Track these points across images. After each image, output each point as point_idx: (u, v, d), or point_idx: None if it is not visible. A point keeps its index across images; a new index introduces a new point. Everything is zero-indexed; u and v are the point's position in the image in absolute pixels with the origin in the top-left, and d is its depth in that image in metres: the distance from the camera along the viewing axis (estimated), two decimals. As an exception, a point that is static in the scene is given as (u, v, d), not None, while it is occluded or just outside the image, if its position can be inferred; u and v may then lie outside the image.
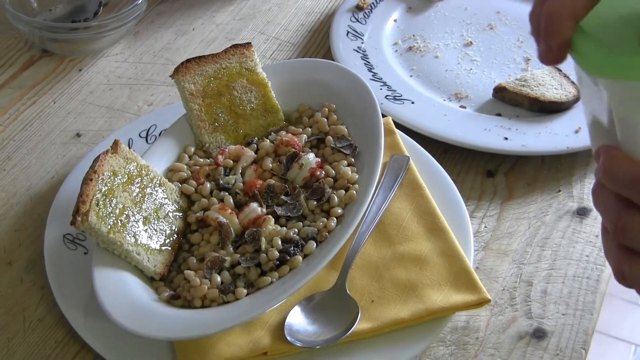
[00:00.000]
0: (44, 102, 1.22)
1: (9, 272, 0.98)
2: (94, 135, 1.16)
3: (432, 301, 0.89)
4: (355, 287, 0.92)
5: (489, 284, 0.96)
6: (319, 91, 1.06)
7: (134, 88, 1.24)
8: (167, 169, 1.00)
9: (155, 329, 0.83)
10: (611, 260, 0.63)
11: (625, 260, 0.61)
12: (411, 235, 0.97)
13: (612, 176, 0.60)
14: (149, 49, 1.32)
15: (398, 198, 1.00)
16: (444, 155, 1.12)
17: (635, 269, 0.61)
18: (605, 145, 0.62)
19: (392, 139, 1.07)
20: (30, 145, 1.15)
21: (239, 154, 1.00)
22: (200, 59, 1.05)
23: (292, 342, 0.86)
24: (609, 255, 0.64)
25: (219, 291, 0.87)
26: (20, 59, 1.29)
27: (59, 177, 1.09)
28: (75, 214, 0.86)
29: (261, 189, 0.95)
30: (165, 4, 1.42)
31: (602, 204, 0.63)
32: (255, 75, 1.05)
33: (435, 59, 1.28)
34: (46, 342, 0.91)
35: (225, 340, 0.87)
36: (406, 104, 1.18)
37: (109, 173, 0.90)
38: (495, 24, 1.35)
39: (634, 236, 0.60)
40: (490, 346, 0.91)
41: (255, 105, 1.05)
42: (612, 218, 0.61)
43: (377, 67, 1.25)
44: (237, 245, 0.91)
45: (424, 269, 0.93)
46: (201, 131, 1.02)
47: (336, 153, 1.00)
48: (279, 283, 0.88)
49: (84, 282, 0.91)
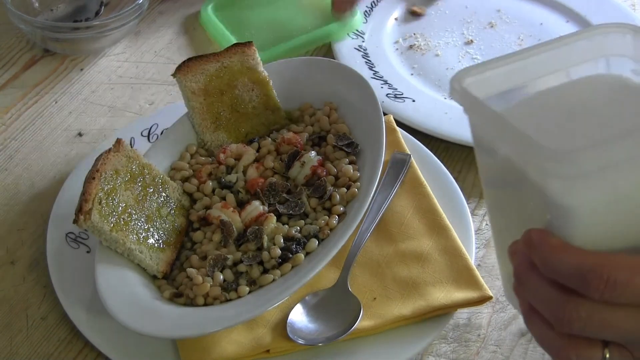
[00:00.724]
0: (46, 101, 1.22)
1: (11, 271, 0.98)
2: (96, 135, 1.16)
3: (434, 298, 0.90)
4: (357, 285, 0.92)
5: (490, 281, 0.96)
6: (320, 89, 1.07)
7: (136, 87, 1.25)
8: (169, 167, 1.01)
9: (157, 327, 0.83)
10: (551, 348, 0.62)
11: (571, 347, 0.60)
12: (413, 232, 0.97)
13: (554, 269, 0.59)
14: (150, 48, 1.32)
15: (399, 196, 1.01)
16: (445, 153, 1.12)
17: (582, 355, 0.59)
18: (535, 230, 0.61)
19: (394, 137, 1.07)
20: (32, 144, 1.15)
21: (240, 153, 1.00)
22: (201, 57, 1.05)
23: (294, 339, 0.86)
24: (546, 343, 0.62)
25: (221, 289, 0.88)
26: (21, 59, 1.29)
27: (61, 176, 1.10)
28: (78, 213, 0.86)
29: (263, 187, 0.96)
30: (166, 3, 1.42)
31: (534, 293, 0.61)
32: (257, 73, 1.05)
33: (436, 57, 1.28)
34: (49, 341, 0.91)
35: (227, 338, 0.87)
36: (407, 102, 1.18)
37: (112, 172, 0.91)
38: (495, 22, 1.35)
39: (580, 326, 0.58)
40: (492, 343, 0.91)
41: (257, 104, 1.05)
42: (552, 309, 0.59)
43: (378, 65, 1.25)
44: (240, 243, 0.92)
45: (426, 267, 0.93)
46: (203, 130, 1.02)
47: (338, 151, 1.00)
48: (281, 281, 0.88)
49: (87, 281, 0.91)
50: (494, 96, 0.65)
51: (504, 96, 0.65)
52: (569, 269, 0.58)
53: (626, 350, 0.59)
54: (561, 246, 0.59)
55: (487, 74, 0.66)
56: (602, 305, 0.57)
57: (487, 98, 0.64)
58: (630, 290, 0.56)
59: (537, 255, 0.60)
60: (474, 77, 0.65)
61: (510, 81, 0.66)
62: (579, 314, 0.58)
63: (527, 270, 0.61)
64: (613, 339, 0.59)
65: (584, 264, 0.57)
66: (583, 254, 0.57)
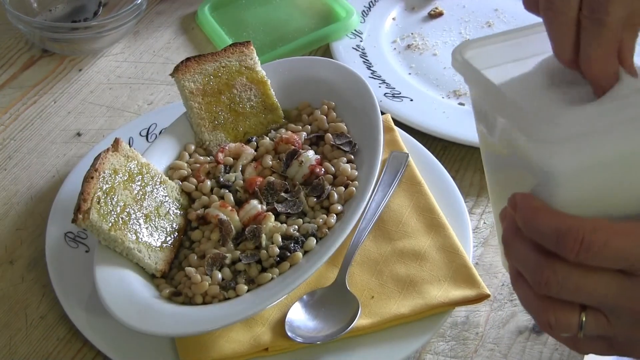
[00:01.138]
0: (45, 101, 1.22)
1: (10, 270, 0.98)
2: (95, 135, 1.16)
3: (431, 296, 0.90)
4: (356, 283, 0.92)
5: (488, 279, 0.96)
6: (318, 89, 1.07)
7: (134, 87, 1.25)
8: (167, 167, 1.01)
9: (156, 325, 0.83)
10: (532, 310, 0.63)
11: (550, 310, 0.61)
12: (410, 231, 0.97)
13: (534, 229, 0.60)
14: (148, 48, 1.32)
15: (397, 195, 1.01)
16: (442, 152, 1.12)
17: (559, 317, 0.60)
18: (520, 193, 0.62)
19: (391, 136, 1.07)
20: (31, 144, 1.15)
21: (239, 152, 1.01)
22: (200, 57, 1.05)
23: (292, 338, 0.86)
24: (527, 305, 0.63)
25: (219, 288, 0.88)
26: (20, 59, 1.30)
27: (59, 176, 1.10)
28: (77, 212, 0.87)
29: (261, 186, 0.96)
30: (164, 4, 1.42)
31: (517, 255, 0.62)
32: (255, 73, 1.06)
33: (433, 57, 1.28)
34: (48, 340, 0.92)
35: (226, 337, 0.87)
36: (405, 101, 1.18)
37: (110, 171, 0.91)
38: (493, 22, 1.35)
39: (557, 289, 0.59)
40: (490, 341, 0.91)
41: (255, 103, 1.05)
42: (532, 270, 0.60)
43: (376, 64, 1.26)
44: (238, 242, 0.92)
45: (424, 265, 0.93)
46: (201, 129, 1.03)
47: (335, 150, 1.00)
48: (279, 279, 0.89)
49: (86, 280, 0.91)
50: (495, 69, 0.66)
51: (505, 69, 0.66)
52: (547, 229, 0.59)
53: (603, 315, 0.60)
54: (542, 208, 0.60)
55: (489, 47, 0.67)
56: (579, 269, 0.58)
57: (487, 70, 0.65)
58: (604, 253, 0.57)
59: (519, 217, 0.61)
60: (475, 49, 0.66)
61: (512, 55, 0.67)
62: (556, 276, 0.59)
63: (512, 233, 0.62)
64: (589, 303, 0.60)
65: (561, 225, 0.58)
66: (562, 216, 0.58)
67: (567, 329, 0.61)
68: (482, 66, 0.65)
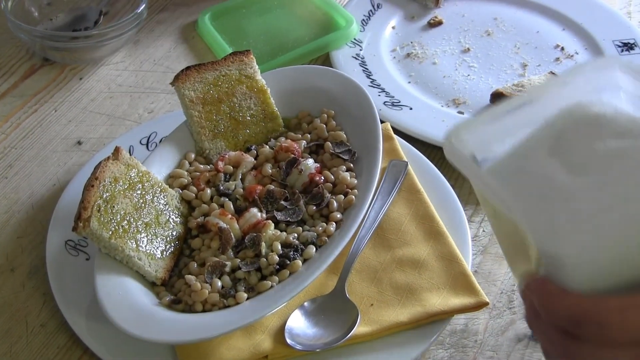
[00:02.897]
0: (45, 110, 1.22)
1: (11, 278, 0.99)
2: (95, 143, 1.17)
3: (430, 304, 0.90)
4: (355, 291, 0.92)
5: (487, 287, 0.97)
6: (318, 98, 1.07)
7: (135, 96, 1.25)
8: (167, 175, 1.01)
9: (156, 333, 0.83)
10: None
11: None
12: (410, 239, 0.97)
13: (553, 314, 0.62)
14: (149, 57, 1.33)
15: (397, 203, 1.01)
16: (442, 160, 1.12)
17: None
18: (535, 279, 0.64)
19: (391, 144, 1.08)
20: (31, 153, 1.15)
21: (239, 160, 1.01)
22: (200, 66, 1.06)
23: (292, 345, 0.87)
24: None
25: (219, 295, 0.88)
26: (21, 68, 1.30)
27: (60, 184, 1.10)
28: (77, 220, 0.87)
29: (261, 195, 0.96)
30: (165, 13, 1.43)
31: (542, 334, 0.65)
32: (255, 82, 1.06)
33: (433, 65, 1.29)
34: (49, 348, 0.92)
35: (226, 344, 0.88)
36: (404, 109, 1.18)
37: (111, 180, 0.91)
38: (492, 30, 1.35)
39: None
40: (488, 349, 0.91)
41: (255, 112, 1.05)
42: (557, 350, 0.63)
43: (375, 73, 1.26)
44: (238, 250, 0.92)
45: (423, 273, 0.94)
46: (201, 138, 1.03)
47: (335, 158, 1.00)
48: (279, 287, 0.89)
49: (86, 288, 0.92)
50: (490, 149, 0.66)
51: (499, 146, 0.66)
52: (565, 316, 0.61)
53: None
54: (557, 293, 0.61)
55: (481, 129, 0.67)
56: (600, 347, 0.60)
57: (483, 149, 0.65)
58: (624, 332, 0.59)
59: (537, 303, 0.63)
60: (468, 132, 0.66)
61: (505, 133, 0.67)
62: (582, 353, 0.61)
63: (534, 315, 0.64)
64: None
65: (577, 312, 0.60)
66: (577, 302, 0.60)
67: None
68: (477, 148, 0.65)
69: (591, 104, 0.64)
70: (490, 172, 0.65)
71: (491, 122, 0.67)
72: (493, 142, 0.66)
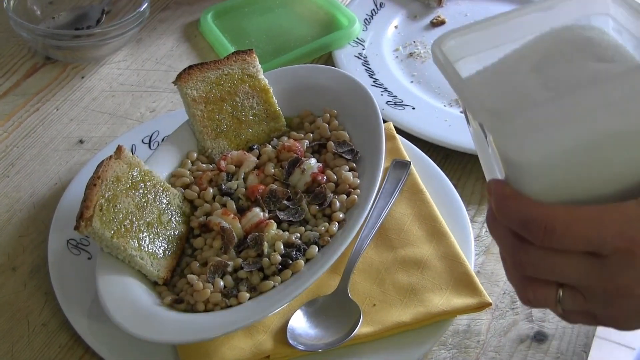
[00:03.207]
0: (47, 109, 1.22)
1: (13, 277, 0.99)
2: (97, 142, 1.17)
3: (433, 305, 0.90)
4: (357, 291, 0.92)
5: (490, 287, 0.96)
6: (321, 97, 1.07)
7: (137, 95, 1.25)
8: (170, 174, 1.01)
9: (158, 332, 0.83)
10: (514, 285, 0.68)
11: (528, 287, 0.65)
12: (412, 239, 0.97)
13: (504, 215, 0.64)
14: (151, 55, 1.33)
15: (399, 203, 1.01)
16: (444, 160, 1.12)
17: (537, 294, 0.65)
18: (495, 180, 0.65)
19: (393, 144, 1.08)
20: (33, 151, 1.15)
21: (241, 160, 1.01)
22: (202, 65, 1.06)
23: (294, 345, 0.86)
24: (511, 281, 0.68)
25: (221, 295, 0.88)
26: (23, 67, 1.30)
27: (62, 183, 1.10)
28: (79, 219, 0.87)
29: (263, 194, 0.96)
30: (167, 11, 1.43)
31: (497, 236, 0.66)
32: (257, 81, 1.06)
33: (435, 65, 1.28)
34: (50, 347, 0.92)
35: (228, 344, 0.87)
36: (407, 109, 1.18)
37: (113, 179, 0.91)
38: (495, 30, 1.35)
39: (531, 269, 0.64)
40: (491, 349, 0.91)
41: (257, 111, 1.05)
42: (508, 252, 0.65)
43: (378, 73, 1.26)
44: (240, 249, 0.92)
45: (425, 273, 0.93)
46: (204, 137, 1.03)
47: (338, 158, 1.00)
48: (281, 287, 0.89)
49: (88, 287, 0.91)
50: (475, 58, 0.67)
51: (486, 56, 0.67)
52: (514, 218, 0.62)
53: (579, 293, 0.64)
54: (511, 196, 0.63)
55: (469, 36, 0.67)
56: (548, 251, 0.62)
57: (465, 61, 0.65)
58: (567, 239, 0.60)
59: (493, 204, 0.64)
60: (455, 40, 0.67)
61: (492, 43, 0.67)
62: (529, 258, 0.63)
63: (492, 216, 0.66)
64: (563, 281, 0.64)
65: (527, 214, 0.61)
66: (528, 205, 0.62)
67: (545, 305, 0.65)
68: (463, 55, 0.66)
69: (581, 27, 0.66)
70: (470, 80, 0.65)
71: (480, 32, 0.67)
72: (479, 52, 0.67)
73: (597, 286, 0.62)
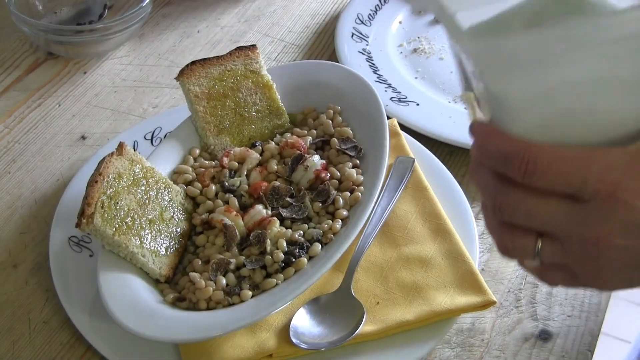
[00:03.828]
0: (49, 104, 1.22)
1: (14, 274, 0.98)
2: (99, 138, 1.16)
3: (437, 303, 0.89)
4: (361, 289, 0.92)
5: (494, 285, 0.96)
6: (324, 93, 1.07)
7: (139, 90, 1.24)
8: (172, 171, 1.00)
9: (160, 331, 0.83)
10: (493, 235, 0.66)
11: (506, 234, 0.64)
12: (416, 237, 0.97)
13: (485, 152, 0.62)
14: (154, 51, 1.32)
15: (403, 200, 1.00)
16: (449, 157, 1.12)
17: (515, 242, 0.63)
18: (479, 121, 0.64)
19: (397, 140, 1.07)
20: (35, 147, 1.15)
21: (244, 156, 1.00)
22: (205, 61, 1.05)
23: (297, 344, 0.86)
24: (490, 230, 0.66)
25: (224, 293, 0.87)
26: (25, 62, 1.29)
27: (64, 179, 1.09)
28: (81, 216, 0.86)
29: (266, 191, 0.96)
30: (170, 7, 1.42)
31: (479, 182, 0.65)
32: (260, 77, 1.05)
33: (440, 61, 1.28)
34: (51, 345, 0.91)
35: (230, 342, 0.87)
36: (411, 105, 1.18)
37: (114, 175, 0.91)
38: (500, 26, 1.34)
39: (510, 213, 0.62)
40: (495, 348, 0.91)
41: (260, 108, 1.05)
42: (489, 196, 0.63)
43: (382, 69, 1.25)
44: (243, 247, 0.91)
45: (429, 271, 0.93)
46: (206, 133, 1.02)
47: (341, 155, 1.00)
48: (284, 285, 0.88)
49: (89, 285, 0.91)
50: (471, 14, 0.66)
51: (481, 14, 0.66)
52: (496, 152, 0.61)
53: (558, 242, 0.62)
54: (493, 133, 0.61)
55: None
56: (530, 194, 0.60)
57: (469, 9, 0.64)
58: (548, 175, 0.59)
59: (475, 143, 0.63)
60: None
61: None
62: (508, 200, 0.61)
63: (475, 161, 0.65)
64: (542, 228, 0.62)
65: (508, 148, 0.60)
66: (510, 140, 0.60)
67: (523, 254, 0.64)
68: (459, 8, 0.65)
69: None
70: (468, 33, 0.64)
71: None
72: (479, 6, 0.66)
73: (576, 235, 0.60)
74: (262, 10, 1.42)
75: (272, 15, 1.41)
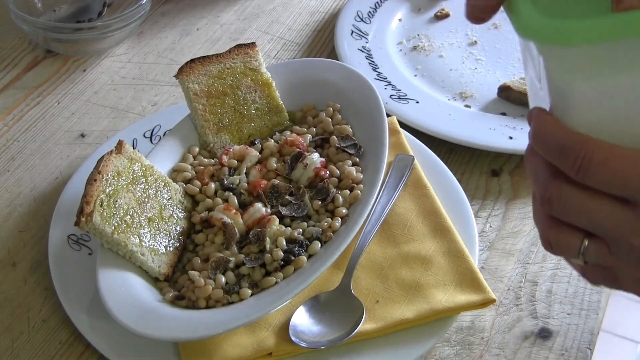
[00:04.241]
0: (48, 102, 1.22)
1: (13, 273, 0.98)
2: (98, 136, 1.16)
3: (437, 301, 0.89)
4: (360, 287, 0.92)
5: (494, 283, 0.96)
6: (324, 91, 1.06)
7: (138, 88, 1.24)
8: (171, 169, 1.00)
9: (159, 329, 0.83)
10: (539, 226, 0.64)
11: (552, 229, 0.62)
12: (416, 235, 0.96)
13: (541, 142, 0.60)
14: (153, 49, 1.32)
15: (403, 198, 1.00)
16: (448, 154, 1.11)
17: (560, 237, 0.61)
18: (538, 108, 0.62)
19: (397, 138, 1.07)
20: (34, 145, 1.15)
21: (243, 154, 1.00)
22: (204, 59, 1.05)
23: (296, 342, 0.86)
24: (537, 221, 0.64)
25: (223, 292, 0.87)
26: (24, 60, 1.29)
27: (63, 177, 1.09)
28: (80, 215, 0.86)
29: (266, 189, 0.95)
30: (169, 4, 1.42)
31: (532, 171, 0.63)
32: (260, 75, 1.05)
33: (439, 58, 1.28)
34: (50, 343, 0.91)
35: (229, 341, 0.87)
36: (411, 103, 1.17)
37: (113, 173, 0.90)
38: (499, 23, 1.34)
39: (559, 208, 0.60)
40: (495, 346, 0.91)
41: (260, 105, 1.04)
42: (540, 187, 0.61)
43: (381, 66, 1.25)
44: (242, 245, 0.91)
45: (429, 269, 0.93)
46: (205, 131, 1.02)
47: (341, 153, 0.99)
48: (283, 283, 0.88)
49: (89, 283, 0.91)
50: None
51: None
52: (552, 143, 0.59)
53: (605, 245, 0.60)
54: (552, 123, 0.60)
55: None
56: (583, 191, 0.59)
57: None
58: (604, 173, 0.57)
59: (531, 131, 0.61)
60: None
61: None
62: (559, 194, 0.59)
63: (530, 149, 0.63)
64: (590, 228, 0.60)
65: (566, 140, 0.58)
66: (568, 132, 0.59)
67: (567, 251, 0.62)
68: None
69: None
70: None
71: None
72: None
73: (626, 239, 0.58)
74: (262, 8, 1.42)
75: (271, 13, 1.41)
